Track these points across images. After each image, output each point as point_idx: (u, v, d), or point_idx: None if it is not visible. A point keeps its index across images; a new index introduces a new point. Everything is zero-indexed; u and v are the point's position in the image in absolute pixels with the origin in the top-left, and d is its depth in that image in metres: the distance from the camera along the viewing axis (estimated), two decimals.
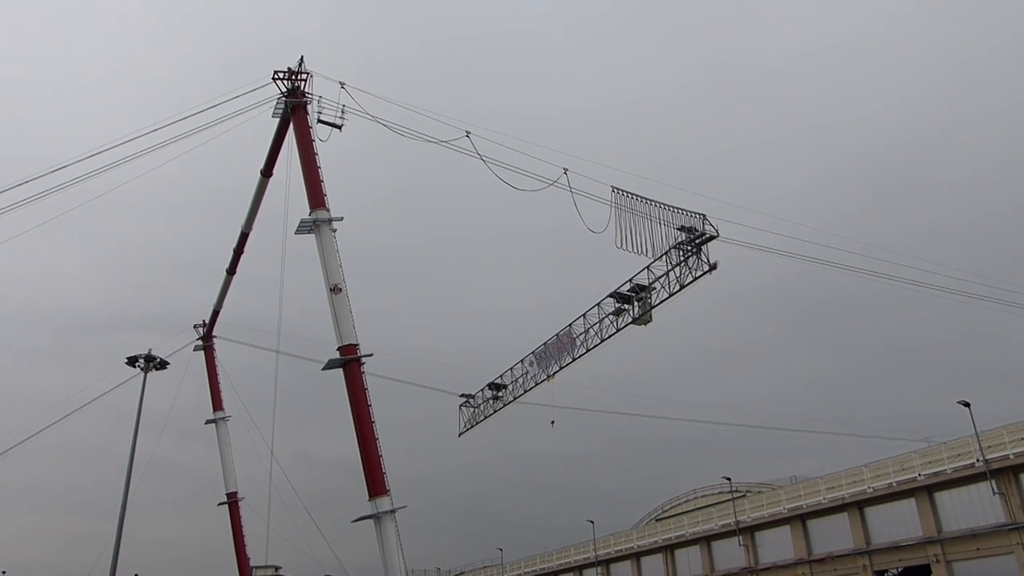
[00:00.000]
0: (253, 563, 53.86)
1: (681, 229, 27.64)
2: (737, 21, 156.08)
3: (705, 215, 27.11)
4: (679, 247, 27.98)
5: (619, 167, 31.61)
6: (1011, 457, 38.67)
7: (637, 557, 64.04)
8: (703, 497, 65.78)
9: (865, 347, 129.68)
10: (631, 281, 30.38)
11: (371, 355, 30.34)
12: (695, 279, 27.79)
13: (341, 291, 30.57)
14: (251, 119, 35.45)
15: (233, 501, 53.82)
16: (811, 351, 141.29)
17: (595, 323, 32.15)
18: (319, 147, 33.65)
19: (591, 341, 32.28)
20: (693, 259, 27.73)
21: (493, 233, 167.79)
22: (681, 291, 28.33)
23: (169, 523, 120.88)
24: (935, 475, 42.38)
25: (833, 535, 48.45)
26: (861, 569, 45.92)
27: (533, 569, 77.57)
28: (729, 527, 55.08)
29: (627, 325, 30.63)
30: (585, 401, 48.70)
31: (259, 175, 40.05)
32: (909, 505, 44.04)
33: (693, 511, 63.07)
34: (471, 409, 40.76)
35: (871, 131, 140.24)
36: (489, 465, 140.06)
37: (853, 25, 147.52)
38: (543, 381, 35.19)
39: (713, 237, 27.25)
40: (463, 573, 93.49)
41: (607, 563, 67.44)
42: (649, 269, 29.20)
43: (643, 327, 30.02)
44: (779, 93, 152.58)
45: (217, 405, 55.84)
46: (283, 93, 34.70)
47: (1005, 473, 39.07)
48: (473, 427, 40.48)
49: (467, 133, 33.34)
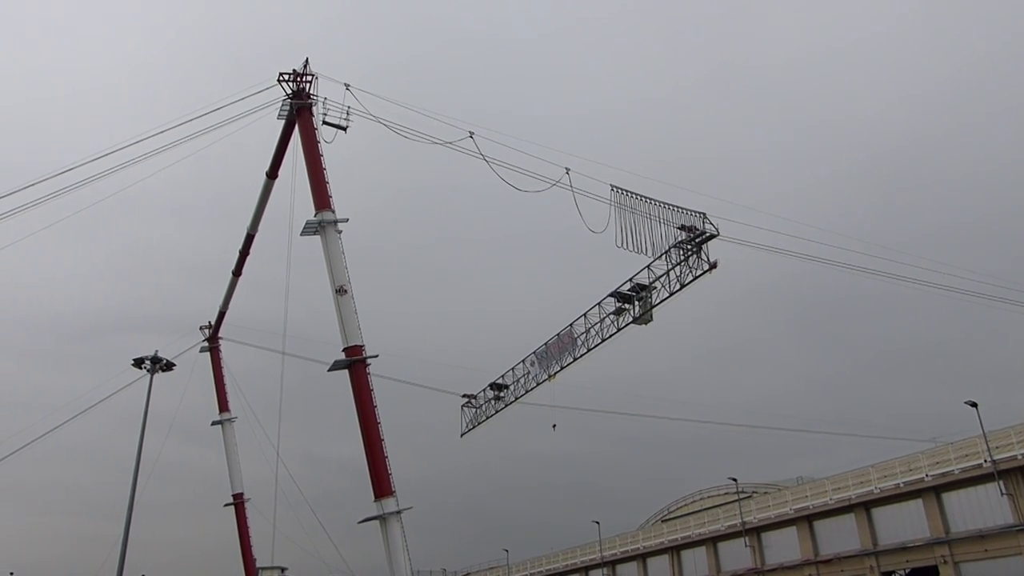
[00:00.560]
0: (259, 564, 53.94)
1: (681, 228, 27.62)
2: (739, 21, 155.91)
3: (705, 214, 27.09)
4: (679, 246, 27.95)
5: (622, 167, 31.65)
6: (1019, 458, 38.40)
7: (643, 558, 63.87)
8: (709, 498, 65.60)
9: (869, 347, 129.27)
10: (631, 280, 30.33)
11: (376, 356, 30.40)
12: (695, 278, 27.74)
13: (346, 292, 30.62)
14: (257, 121, 35.63)
15: (239, 502, 54.07)
16: (814, 351, 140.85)
17: (596, 323, 32.12)
18: (324, 148, 33.84)
19: (592, 341, 32.25)
20: (693, 258, 27.70)
21: (496, 234, 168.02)
22: (682, 290, 28.29)
23: (175, 524, 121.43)
24: (942, 476, 42.11)
25: (840, 536, 48.20)
26: (868, 570, 45.66)
27: (539, 570, 77.49)
28: (735, 528, 54.90)
29: (628, 324, 30.61)
30: (589, 402, 48.77)
31: (265, 177, 40.18)
32: (916, 506, 43.78)
33: (699, 512, 62.88)
34: (473, 409, 40.77)
35: (874, 131, 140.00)
36: (495, 466, 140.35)
37: (855, 24, 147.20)
38: (544, 381, 35.20)
39: (713, 236, 27.21)
40: (469, 574, 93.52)
41: (613, 564, 67.28)
42: (649, 268, 29.16)
43: (644, 326, 29.98)
44: (782, 93, 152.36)
45: (223, 406, 56.11)
46: (288, 95, 34.82)
47: (1013, 474, 38.79)
48: (475, 427, 40.47)
49: (471, 134, 33.42)
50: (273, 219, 42.50)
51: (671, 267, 28.49)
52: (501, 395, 38.83)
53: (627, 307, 30.72)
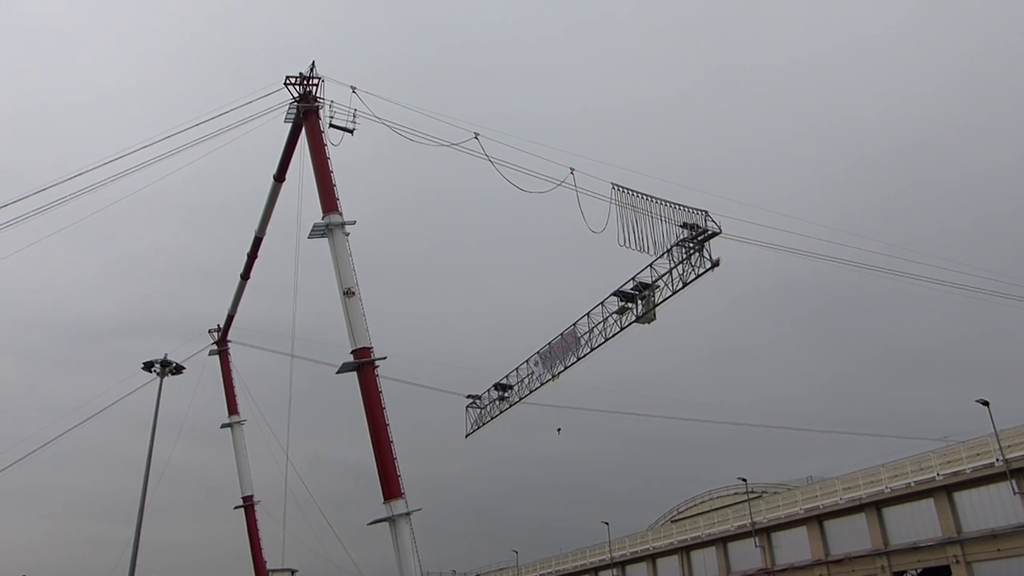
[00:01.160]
0: (269, 566, 54.20)
1: (683, 226, 27.55)
2: (745, 22, 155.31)
3: (707, 212, 27.02)
4: (681, 244, 27.88)
5: (626, 167, 31.58)
6: None
7: (653, 559, 63.72)
8: (719, 498, 65.36)
9: (878, 346, 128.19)
10: (634, 279, 30.25)
11: (384, 358, 30.39)
12: (697, 276, 27.65)
13: (354, 294, 30.69)
14: (264, 124, 35.79)
15: (249, 504, 54.32)
16: (822, 351, 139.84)
17: (599, 322, 32.07)
18: (331, 151, 33.92)
19: (595, 340, 32.18)
20: (696, 256, 27.63)
21: (499, 235, 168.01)
22: (684, 288, 28.22)
23: (186, 527, 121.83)
24: (954, 475, 41.76)
25: (851, 536, 47.89)
26: (880, 570, 45.34)
27: (548, 571, 77.44)
28: (745, 528, 54.66)
29: (631, 323, 30.53)
30: (596, 402, 48.69)
31: (272, 180, 40.40)
32: (928, 505, 43.45)
33: (709, 512, 62.67)
34: (478, 410, 40.78)
35: (879, 130, 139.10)
36: (503, 468, 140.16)
37: (861, 23, 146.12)
38: (548, 381, 35.15)
39: (716, 234, 27.12)
40: (479, 575, 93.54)
41: (623, 565, 67.17)
42: (652, 267, 29.09)
43: (647, 326, 29.89)
44: (786, 93, 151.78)
45: (232, 409, 56.41)
46: (295, 98, 34.96)
47: None
48: (480, 428, 40.47)
49: (476, 135, 33.45)
50: (281, 222, 42.76)
51: (673, 265, 28.42)
52: (505, 395, 38.80)
53: (630, 306, 30.62)
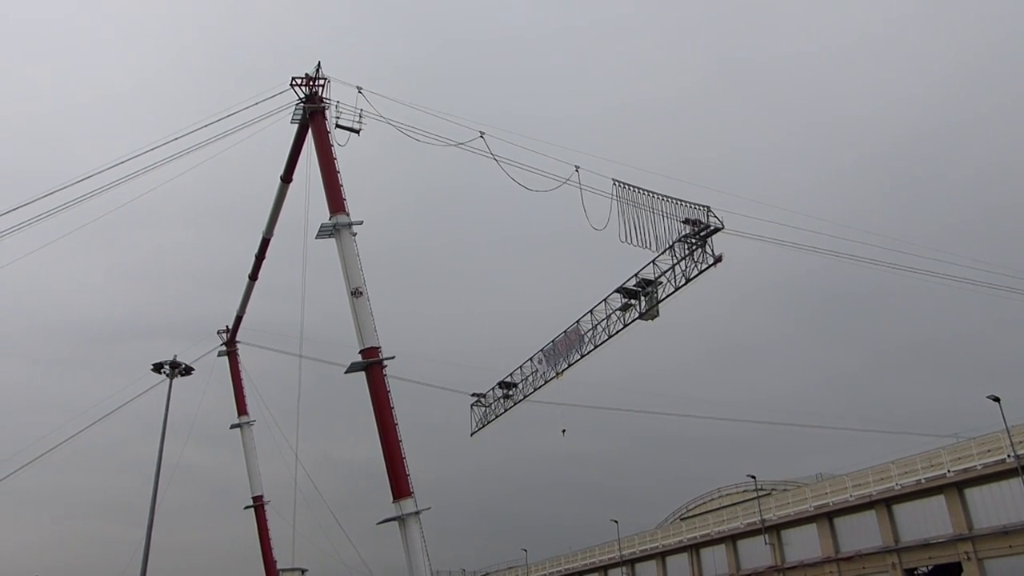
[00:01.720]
0: (280, 566, 54.44)
1: (686, 222, 27.44)
2: (746, 19, 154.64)
3: (709, 207, 26.89)
4: (684, 240, 27.81)
5: (629, 164, 31.51)
6: None
7: (662, 556, 63.65)
8: (728, 496, 65.21)
9: (886, 342, 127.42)
10: (637, 276, 30.14)
11: (393, 357, 30.36)
12: (700, 272, 27.59)
13: (362, 294, 30.69)
14: (270, 125, 35.78)
15: (259, 505, 54.47)
16: (829, 347, 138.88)
17: (602, 319, 32.02)
18: (337, 152, 34.01)
19: (599, 337, 32.12)
20: (698, 252, 27.56)
21: (503, 233, 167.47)
22: (687, 284, 28.17)
23: (196, 528, 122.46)
24: (965, 471, 41.54)
25: (861, 533, 47.70)
26: (890, 567, 45.12)
27: (558, 569, 77.46)
28: (755, 526, 54.51)
29: (634, 320, 30.46)
30: (602, 400, 48.58)
31: (279, 181, 40.53)
32: (939, 502, 43.23)
33: (718, 510, 62.52)
34: (483, 408, 40.79)
35: (880, 127, 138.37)
36: (510, 466, 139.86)
37: (863, 20, 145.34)
38: (552, 379, 35.09)
39: (718, 229, 27.00)
40: (488, 574, 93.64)
41: (632, 563, 67.13)
42: (655, 263, 29.05)
43: (651, 322, 29.83)
44: (789, 90, 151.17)
45: (241, 410, 56.59)
46: (301, 99, 34.95)
47: None
48: (485, 426, 40.48)
49: (481, 134, 33.42)
50: (289, 223, 42.86)
51: (676, 261, 28.37)
52: (510, 393, 38.73)
53: (633, 303, 30.54)
